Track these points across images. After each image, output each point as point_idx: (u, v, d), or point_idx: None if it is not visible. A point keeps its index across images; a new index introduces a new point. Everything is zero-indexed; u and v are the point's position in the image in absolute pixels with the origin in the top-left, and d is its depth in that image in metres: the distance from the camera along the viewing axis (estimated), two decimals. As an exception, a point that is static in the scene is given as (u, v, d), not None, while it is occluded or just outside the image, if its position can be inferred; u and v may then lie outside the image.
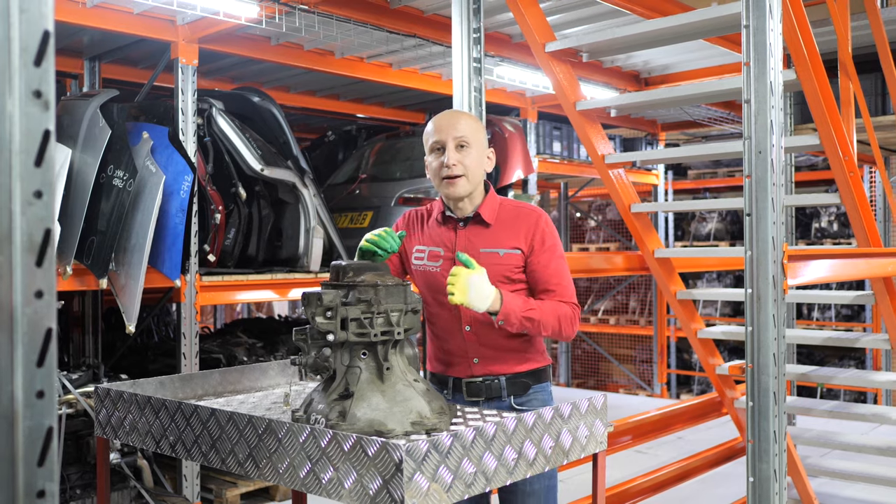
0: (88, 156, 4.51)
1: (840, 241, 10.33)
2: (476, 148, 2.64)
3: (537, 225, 2.63)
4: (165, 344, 6.55)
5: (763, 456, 2.86)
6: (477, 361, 2.66)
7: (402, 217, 2.87)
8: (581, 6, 5.42)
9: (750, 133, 2.93)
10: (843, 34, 4.12)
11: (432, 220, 2.77)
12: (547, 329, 2.52)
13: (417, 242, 2.78)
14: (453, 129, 2.62)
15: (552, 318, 2.53)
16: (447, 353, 2.72)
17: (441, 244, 2.70)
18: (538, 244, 2.61)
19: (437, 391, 2.77)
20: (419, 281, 2.77)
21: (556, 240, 2.66)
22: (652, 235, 4.46)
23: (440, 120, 2.67)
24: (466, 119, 2.68)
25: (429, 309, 2.76)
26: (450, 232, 2.70)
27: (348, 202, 6.75)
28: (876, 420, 4.59)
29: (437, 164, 2.64)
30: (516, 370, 2.67)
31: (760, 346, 2.88)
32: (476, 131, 2.66)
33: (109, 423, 2.48)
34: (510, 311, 2.45)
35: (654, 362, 10.82)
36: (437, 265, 2.69)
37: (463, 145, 2.62)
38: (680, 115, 9.06)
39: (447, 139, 2.62)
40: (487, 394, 2.66)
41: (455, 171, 2.60)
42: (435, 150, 2.66)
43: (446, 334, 2.71)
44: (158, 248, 4.62)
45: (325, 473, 1.87)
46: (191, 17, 5.01)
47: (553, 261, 2.62)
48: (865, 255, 3.83)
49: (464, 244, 2.66)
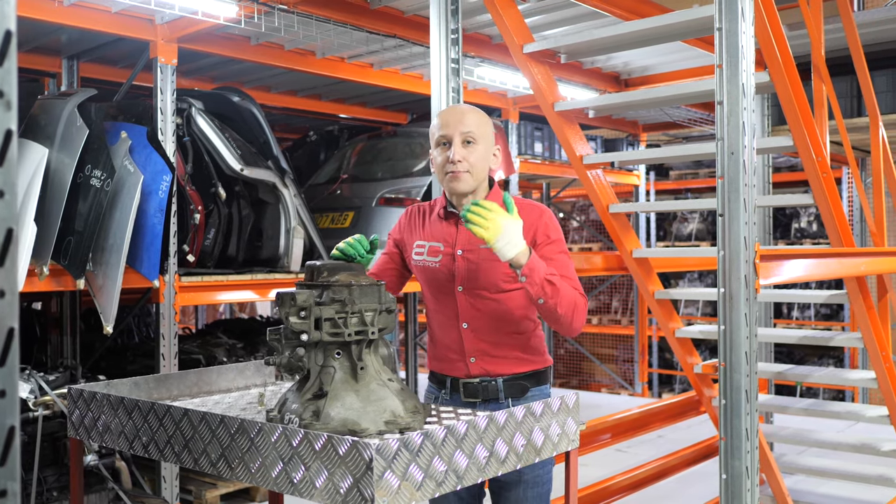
0: (65, 155, 4.48)
1: (819, 241, 10.41)
2: (482, 144, 2.61)
3: (540, 219, 2.60)
4: (145, 345, 6.53)
5: (735, 453, 2.89)
6: (474, 360, 2.63)
7: (404, 212, 2.84)
8: (560, 8, 5.44)
9: (722, 134, 2.96)
10: (816, 37, 4.16)
11: (434, 215, 2.74)
12: (563, 305, 2.43)
13: (418, 238, 2.75)
14: (460, 125, 2.59)
15: (569, 295, 2.45)
16: (445, 350, 2.70)
17: (441, 239, 2.68)
18: (542, 238, 2.58)
19: (434, 390, 2.79)
20: (419, 276, 2.74)
21: (560, 235, 2.63)
22: (630, 236, 4.49)
23: (447, 115, 2.64)
24: (473, 114, 2.64)
25: (428, 305, 2.74)
26: (451, 227, 2.67)
27: (329, 202, 6.75)
28: (851, 418, 4.64)
29: (441, 159, 2.61)
30: (514, 371, 2.64)
31: (733, 344, 2.91)
32: (483, 126, 2.63)
33: (83, 424, 2.48)
34: (535, 268, 2.38)
35: (636, 362, 10.88)
36: (437, 260, 2.66)
37: (469, 141, 2.58)
38: (661, 117, 9.12)
39: (454, 134, 2.58)
40: (484, 395, 2.63)
41: (460, 167, 2.57)
42: (440, 144, 2.62)
43: (444, 330, 2.68)
44: (137, 248, 4.60)
45: (297, 473, 1.88)
46: (169, 17, 5.00)
47: (558, 255, 2.58)
48: (838, 255, 3.87)
49: (465, 240, 2.63)
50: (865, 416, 4.47)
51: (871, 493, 5.25)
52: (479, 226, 2.32)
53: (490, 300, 2.61)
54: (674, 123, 9.38)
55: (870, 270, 4.10)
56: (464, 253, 2.63)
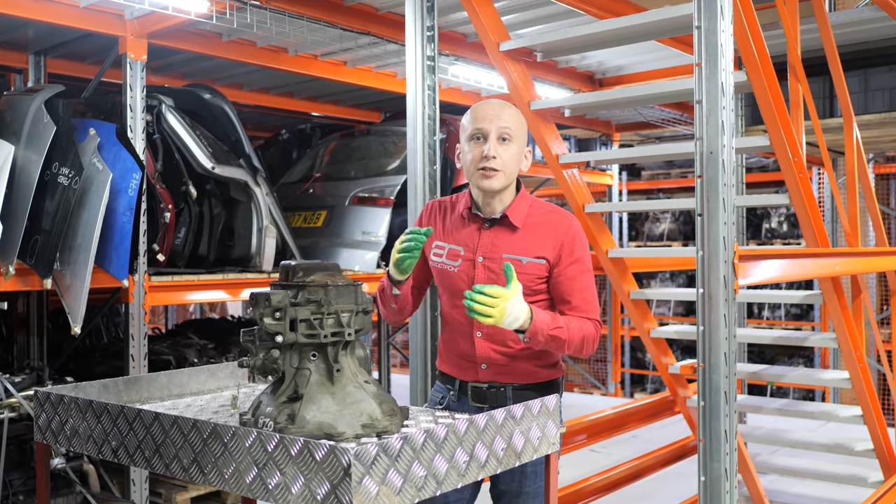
0: (32, 153, 4.39)
1: (790, 242, 10.49)
2: (518, 143, 2.53)
3: (567, 233, 2.52)
4: (114, 346, 6.42)
5: (714, 455, 2.87)
6: (485, 367, 2.58)
7: (425, 207, 2.75)
8: (536, 6, 5.42)
9: (701, 134, 2.94)
10: (792, 37, 4.17)
11: (456, 214, 2.64)
12: (570, 348, 2.44)
13: (437, 237, 2.66)
14: (499, 119, 2.50)
15: (577, 336, 2.44)
16: (457, 355, 2.64)
17: (462, 243, 2.59)
18: (566, 255, 2.51)
19: (441, 390, 2.72)
20: (436, 277, 2.67)
21: (585, 251, 2.56)
22: (605, 235, 4.47)
23: (485, 108, 2.54)
24: (511, 110, 2.55)
25: (443, 307, 2.67)
26: (473, 232, 2.59)
27: (302, 201, 6.68)
28: (823, 417, 4.67)
29: (475, 154, 2.51)
30: (524, 381, 2.58)
31: (712, 345, 2.89)
32: (521, 125, 2.55)
33: (50, 427, 2.41)
34: (538, 329, 2.36)
35: (609, 361, 10.89)
36: (456, 265, 2.59)
37: (506, 138, 2.50)
38: (634, 117, 9.12)
39: (491, 129, 2.49)
40: (492, 402, 2.57)
41: (494, 164, 2.48)
42: (474, 138, 2.52)
43: (458, 336, 2.62)
44: (105, 247, 4.51)
45: (272, 479, 1.83)
46: (139, 12, 4.91)
47: (581, 274, 2.52)
48: (814, 256, 3.87)
49: (487, 247, 2.55)
50: (840, 416, 4.49)
51: (843, 492, 5.28)
52: (485, 314, 2.28)
53: None
54: (646, 123, 9.39)
55: (845, 271, 4.12)
56: (484, 260, 2.55)
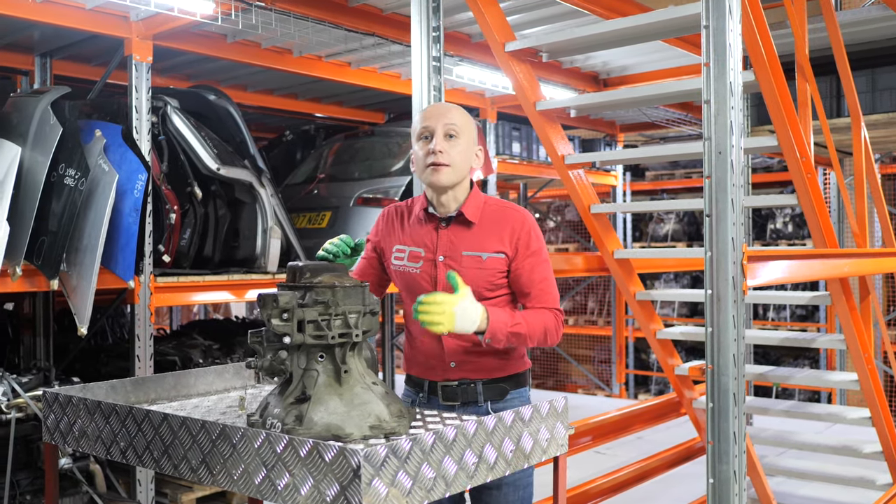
0: (39, 154, 4.39)
1: (795, 242, 10.47)
2: (465, 140, 2.56)
3: (522, 227, 2.57)
4: (119, 346, 6.42)
5: (723, 457, 2.86)
6: (454, 365, 2.59)
7: (381, 214, 2.77)
8: (541, 6, 5.42)
9: (710, 133, 2.93)
10: (800, 37, 4.15)
11: (413, 217, 2.67)
12: (533, 341, 2.48)
13: (397, 241, 2.68)
14: (443, 118, 2.55)
15: (538, 329, 2.48)
16: (424, 356, 2.65)
17: (422, 244, 2.62)
18: (523, 248, 2.55)
19: (411, 393, 2.73)
20: (398, 282, 2.69)
21: (541, 243, 2.60)
22: (611, 236, 4.46)
23: (430, 109, 2.61)
24: (457, 110, 2.61)
25: (406, 310, 2.68)
26: (431, 232, 2.62)
27: (306, 202, 6.68)
28: (831, 419, 4.64)
29: (423, 152, 2.55)
30: (493, 375, 2.61)
31: (720, 347, 2.88)
32: (467, 123, 2.59)
33: (58, 428, 2.40)
34: (497, 328, 2.40)
35: (613, 362, 10.88)
36: (418, 266, 2.61)
37: (452, 135, 2.54)
38: (638, 117, 9.12)
39: (436, 126, 2.54)
40: (463, 398, 2.59)
41: (441, 158, 2.51)
42: (422, 137, 2.57)
43: (424, 336, 2.63)
44: (111, 248, 4.51)
45: (281, 480, 1.82)
46: (145, 13, 4.91)
47: (538, 266, 2.56)
48: (822, 256, 3.86)
49: (446, 246, 2.58)
50: (847, 418, 4.47)
51: (852, 495, 5.26)
52: (434, 322, 2.30)
53: None
54: (651, 124, 9.38)
55: (853, 272, 4.10)
56: (445, 259, 2.58)
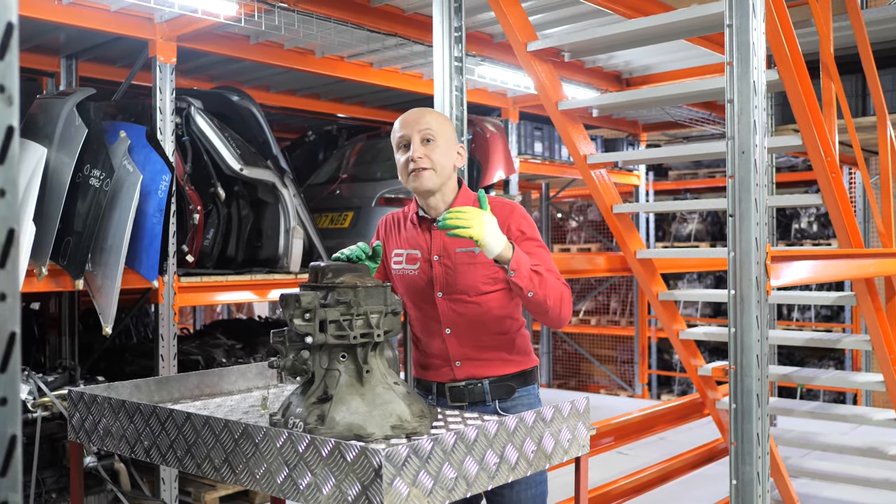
0: (64, 155, 4.43)
1: (819, 242, 10.37)
2: (443, 141, 2.58)
3: (512, 216, 2.57)
4: (144, 346, 6.47)
5: (746, 458, 2.84)
6: (459, 364, 2.61)
7: (380, 222, 2.82)
8: (563, 6, 5.40)
9: (733, 133, 2.91)
10: (825, 35, 4.11)
11: (408, 222, 2.71)
12: (551, 296, 2.43)
13: (395, 246, 2.72)
14: (417, 124, 2.57)
15: (555, 285, 2.45)
16: (429, 357, 2.68)
17: (417, 246, 2.65)
18: (516, 234, 2.55)
19: (421, 396, 2.74)
20: (399, 285, 2.72)
21: (535, 230, 2.60)
22: (634, 236, 4.44)
23: (405, 117, 2.63)
24: (431, 114, 2.63)
25: (410, 313, 2.72)
26: (424, 233, 2.65)
27: (329, 202, 6.70)
28: (856, 421, 4.59)
29: (403, 160, 2.58)
30: (500, 373, 2.62)
31: (743, 347, 2.86)
32: (442, 125, 2.61)
33: (83, 427, 2.43)
34: (521, 260, 2.38)
35: (636, 363, 10.83)
36: (415, 268, 2.64)
37: (429, 139, 2.56)
38: (661, 116, 9.07)
39: (412, 133, 2.56)
40: (471, 398, 2.61)
41: (421, 163, 2.54)
42: (401, 146, 2.61)
43: (427, 338, 2.67)
44: (136, 248, 4.55)
45: (303, 479, 1.83)
46: (169, 15, 4.95)
47: (536, 249, 2.55)
48: (847, 256, 3.82)
49: (439, 245, 2.61)
50: (872, 419, 4.43)
51: (877, 496, 5.21)
52: (463, 226, 2.29)
53: (471, 303, 2.58)
54: (674, 123, 9.33)
55: (879, 272, 4.06)
56: (440, 258, 2.61)
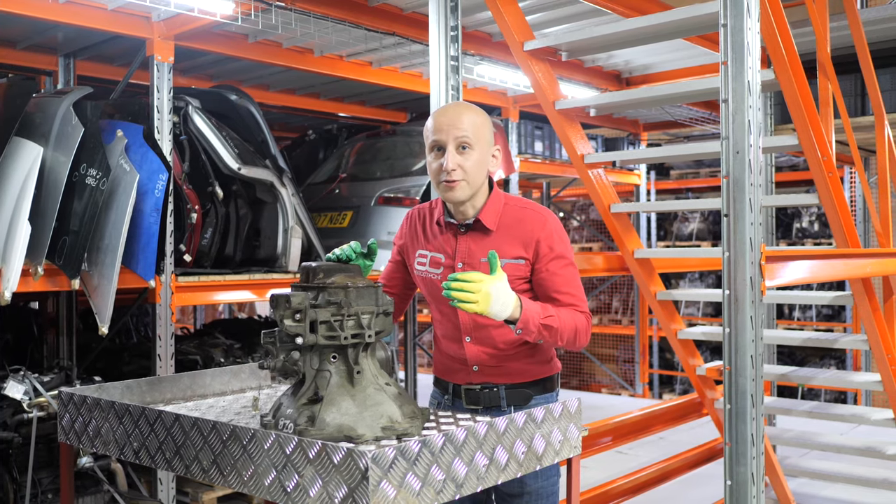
0: (61, 154, 4.43)
1: (821, 241, 10.35)
2: (479, 148, 2.46)
3: (543, 229, 2.48)
4: (142, 345, 6.46)
5: (740, 459, 2.83)
6: (476, 370, 2.57)
7: (406, 216, 2.73)
8: (560, 5, 5.38)
9: (727, 133, 2.90)
10: (821, 35, 4.10)
11: (433, 222, 2.63)
12: (563, 339, 2.41)
13: (420, 247, 2.65)
14: (454, 129, 2.44)
15: (569, 327, 2.41)
16: (449, 359, 2.65)
17: (442, 251, 2.59)
18: (545, 251, 2.47)
19: (437, 396, 2.73)
20: (422, 286, 2.66)
21: (565, 245, 2.51)
22: (631, 236, 4.43)
23: (441, 117, 2.49)
24: (469, 115, 2.49)
25: (433, 314, 2.68)
26: (450, 238, 2.58)
27: (328, 202, 6.69)
28: (855, 420, 4.58)
29: (436, 167, 2.47)
30: (518, 381, 2.57)
31: (738, 348, 2.85)
32: (480, 128, 2.48)
33: (73, 428, 2.42)
34: (529, 318, 2.32)
35: (637, 362, 10.81)
36: (438, 272, 2.58)
37: (465, 146, 2.44)
38: (662, 116, 9.05)
39: (448, 140, 2.44)
40: (486, 402, 2.56)
41: (455, 175, 2.43)
42: (434, 149, 2.48)
43: (447, 341, 2.63)
44: (132, 248, 4.54)
45: (291, 481, 1.83)
46: (166, 14, 4.94)
47: (564, 268, 2.48)
48: (844, 256, 3.81)
49: (464, 252, 2.54)
50: (871, 419, 4.42)
51: (875, 496, 5.20)
52: (468, 301, 2.23)
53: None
54: (674, 122, 9.31)
55: (876, 272, 4.05)
56: (464, 266, 2.54)
